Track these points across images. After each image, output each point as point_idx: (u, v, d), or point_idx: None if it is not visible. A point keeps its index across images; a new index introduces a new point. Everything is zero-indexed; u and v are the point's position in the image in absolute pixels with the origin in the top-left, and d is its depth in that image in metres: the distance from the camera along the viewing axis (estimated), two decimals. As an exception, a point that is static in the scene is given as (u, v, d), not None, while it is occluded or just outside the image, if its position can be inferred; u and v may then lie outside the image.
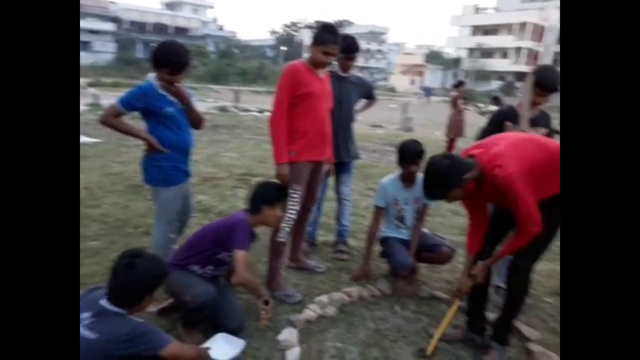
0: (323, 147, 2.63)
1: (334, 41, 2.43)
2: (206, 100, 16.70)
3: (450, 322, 2.24)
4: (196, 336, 2.06)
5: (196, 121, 2.45)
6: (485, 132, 2.62)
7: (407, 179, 2.83)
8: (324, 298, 2.55)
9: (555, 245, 3.65)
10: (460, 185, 1.86)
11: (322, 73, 2.58)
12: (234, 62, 39.36)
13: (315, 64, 2.50)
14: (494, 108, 8.98)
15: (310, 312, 2.42)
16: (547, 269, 3.27)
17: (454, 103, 8.09)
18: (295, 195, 2.52)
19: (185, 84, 2.43)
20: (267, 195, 2.25)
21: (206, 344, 1.95)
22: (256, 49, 56.14)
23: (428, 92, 29.17)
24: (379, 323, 2.44)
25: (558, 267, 3.24)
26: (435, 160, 1.91)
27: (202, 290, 2.03)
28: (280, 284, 2.62)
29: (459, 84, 10.36)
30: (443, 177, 1.87)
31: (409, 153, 2.75)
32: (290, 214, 2.54)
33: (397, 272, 2.82)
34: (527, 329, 2.38)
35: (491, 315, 2.33)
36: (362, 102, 3.39)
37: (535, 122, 2.59)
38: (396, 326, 2.42)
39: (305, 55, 2.67)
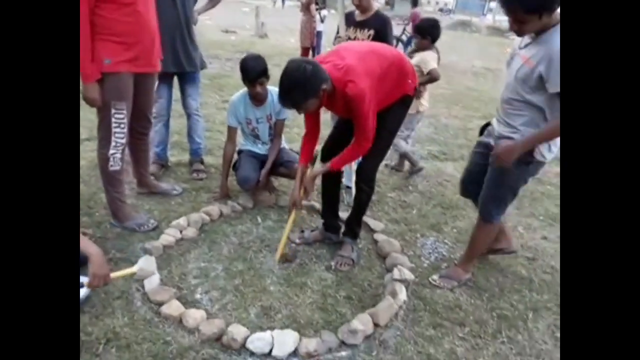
0: (148, 56, 2.20)
1: None
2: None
3: (290, 230, 2.30)
4: None
5: None
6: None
7: (255, 99, 2.70)
8: (181, 220, 2.43)
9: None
10: (318, 96, 1.82)
11: None
12: None
13: None
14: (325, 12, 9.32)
15: (168, 236, 2.30)
16: (388, 168, 3.68)
17: (306, 8, 7.87)
18: (119, 116, 2.14)
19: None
20: None
21: None
22: None
23: None
24: (242, 236, 2.46)
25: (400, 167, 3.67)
26: (296, 66, 1.77)
27: None
28: (127, 213, 2.38)
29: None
30: (303, 85, 1.76)
31: (251, 74, 2.54)
32: (118, 137, 2.19)
33: (240, 186, 2.81)
34: (373, 222, 2.70)
35: (343, 214, 2.55)
36: (202, 1, 2.97)
37: (363, 24, 2.79)
38: (259, 237, 2.48)
39: None
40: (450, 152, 4.32)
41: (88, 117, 3.95)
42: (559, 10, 1.55)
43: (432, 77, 3.13)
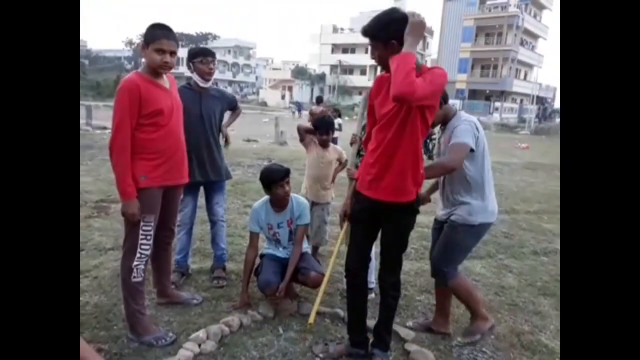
0: (179, 169, 2.34)
1: (167, 35, 2.09)
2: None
3: (338, 249, 2.33)
4: None
5: None
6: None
7: (277, 205, 2.78)
8: (201, 333, 2.31)
9: (421, 245, 4.01)
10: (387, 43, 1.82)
11: (166, 81, 2.25)
12: (84, 74, 35.17)
13: (154, 71, 2.15)
14: (317, 108, 10.22)
15: (186, 351, 2.17)
16: (414, 268, 3.56)
17: (312, 117, 8.55)
18: (146, 228, 2.21)
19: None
20: None
21: None
22: (110, 60, 51.22)
23: (299, 106, 30.23)
24: (263, 350, 2.31)
25: (424, 265, 3.55)
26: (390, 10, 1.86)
27: None
28: (145, 326, 2.29)
29: (319, 100, 11.52)
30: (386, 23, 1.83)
31: (277, 174, 2.67)
32: (143, 249, 2.22)
33: (261, 291, 2.73)
34: (403, 330, 2.52)
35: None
36: (227, 115, 3.24)
37: None
38: (281, 350, 2.32)
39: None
40: (476, 250, 4.18)
41: (114, 226, 4.08)
42: (452, 102, 2.15)
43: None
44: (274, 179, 2.67)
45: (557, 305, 2.98)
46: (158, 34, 2.10)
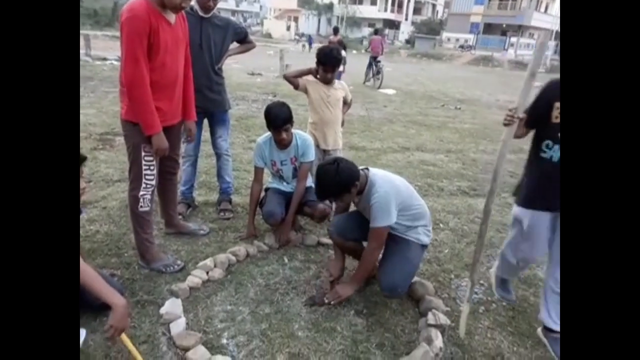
0: (176, 109, 2.31)
1: None
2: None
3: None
4: None
5: None
6: None
7: (279, 144, 2.73)
8: (208, 261, 2.40)
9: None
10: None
11: (172, 17, 2.12)
12: (81, 1, 33.49)
13: (163, 4, 2.02)
14: (334, 38, 9.90)
15: (195, 278, 2.27)
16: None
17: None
18: (148, 158, 2.19)
19: None
20: None
21: None
22: (108, -14, 48.38)
23: (310, 40, 28.83)
24: (269, 278, 2.40)
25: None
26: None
27: None
28: (154, 254, 2.37)
29: (336, 31, 11.01)
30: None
31: (276, 121, 2.59)
32: (147, 179, 2.23)
33: (266, 221, 2.79)
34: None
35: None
36: (234, 46, 3.08)
37: None
38: (286, 278, 2.41)
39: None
40: (481, 188, 4.20)
41: (120, 158, 4.10)
42: (364, 174, 2.09)
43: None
44: (273, 125, 2.61)
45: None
46: None
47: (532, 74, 1.63)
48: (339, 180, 1.97)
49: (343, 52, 8.18)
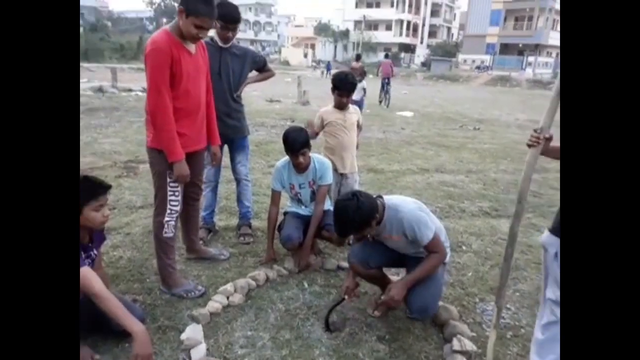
0: (199, 135, 2.37)
1: (210, 14, 2.05)
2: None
3: None
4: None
5: None
6: None
7: (297, 168, 2.76)
8: (228, 286, 2.40)
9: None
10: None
11: (192, 46, 2.21)
12: (107, 36, 35.20)
13: (183, 35, 2.11)
14: (356, 64, 10.21)
15: (215, 303, 2.27)
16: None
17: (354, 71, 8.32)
18: (173, 184, 2.25)
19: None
20: (81, 195, 1.72)
21: None
22: (132, 22, 50.98)
23: (328, 66, 29.36)
24: (289, 303, 2.38)
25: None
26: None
27: None
28: (176, 280, 2.39)
29: (358, 57, 11.72)
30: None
31: (293, 145, 2.63)
32: (172, 205, 2.28)
33: (283, 245, 2.79)
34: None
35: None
36: (254, 74, 3.17)
37: None
38: (306, 303, 2.39)
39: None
40: (503, 208, 4.11)
41: (143, 185, 4.20)
42: (380, 203, 2.07)
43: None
44: (291, 150, 2.65)
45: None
46: (203, 10, 2.02)
47: (558, 93, 1.56)
48: (361, 214, 1.94)
49: (364, 82, 8.19)
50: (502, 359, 1.99)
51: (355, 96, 7.48)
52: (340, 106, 3.06)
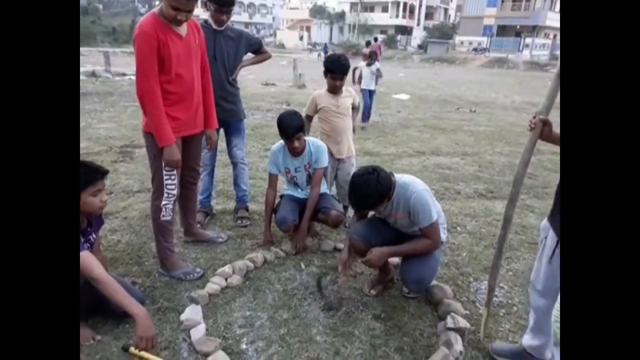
0: (194, 119, 2.34)
1: None
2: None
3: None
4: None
5: None
6: None
7: (292, 152, 2.77)
8: (227, 268, 2.43)
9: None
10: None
11: (182, 29, 2.15)
12: (99, 19, 34.53)
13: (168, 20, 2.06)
14: (366, 50, 9.82)
15: (214, 285, 2.30)
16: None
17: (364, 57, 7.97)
18: (169, 168, 2.25)
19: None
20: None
21: None
22: (124, 4, 49.96)
23: (326, 49, 29.01)
24: (286, 283, 2.42)
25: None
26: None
27: None
28: (174, 262, 2.42)
29: (368, 44, 12.41)
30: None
31: (288, 130, 2.62)
32: (169, 189, 2.29)
33: (279, 227, 2.81)
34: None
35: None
36: (250, 57, 3.13)
37: None
38: (303, 284, 2.43)
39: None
40: (498, 190, 4.15)
41: (139, 170, 4.20)
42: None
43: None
44: (285, 135, 2.65)
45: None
46: None
47: (559, 75, 1.53)
48: (381, 189, 1.96)
49: (377, 63, 7.89)
50: (494, 336, 2.04)
51: (370, 85, 7.25)
52: (334, 90, 3.00)
